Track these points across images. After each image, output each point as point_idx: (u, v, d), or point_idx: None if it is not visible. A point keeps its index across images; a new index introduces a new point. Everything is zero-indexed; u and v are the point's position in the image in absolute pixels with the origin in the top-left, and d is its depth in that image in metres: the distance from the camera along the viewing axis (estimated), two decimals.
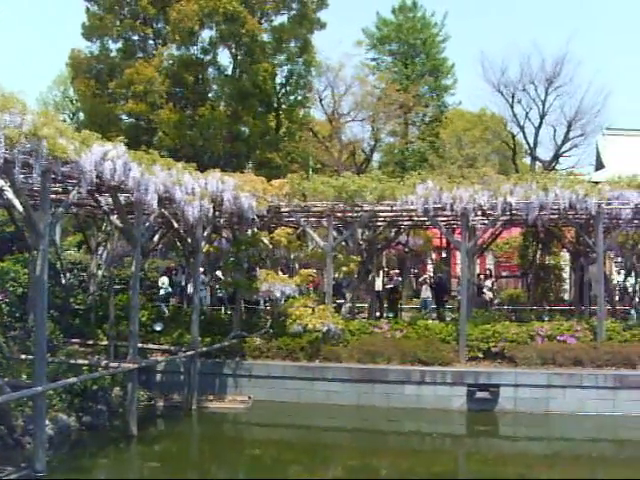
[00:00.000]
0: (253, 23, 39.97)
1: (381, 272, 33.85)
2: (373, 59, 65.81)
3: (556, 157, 59.18)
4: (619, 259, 35.90)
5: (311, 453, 19.88)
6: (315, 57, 46.20)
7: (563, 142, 58.59)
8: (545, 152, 60.46)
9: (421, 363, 23.30)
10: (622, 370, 22.49)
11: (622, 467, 18.52)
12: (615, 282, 34.30)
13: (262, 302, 29.26)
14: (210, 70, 43.07)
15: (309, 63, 45.04)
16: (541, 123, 58.54)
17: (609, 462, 19.08)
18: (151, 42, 42.39)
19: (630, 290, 31.91)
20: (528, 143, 59.78)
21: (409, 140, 63.29)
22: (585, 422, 21.52)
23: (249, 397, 23.38)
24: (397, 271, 35.75)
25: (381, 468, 18.74)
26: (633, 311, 29.77)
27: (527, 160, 64.19)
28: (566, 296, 38.36)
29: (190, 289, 27.07)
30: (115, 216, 23.49)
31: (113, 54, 41.75)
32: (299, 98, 46.61)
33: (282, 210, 26.38)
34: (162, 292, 30.82)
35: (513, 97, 58.13)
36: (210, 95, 43.17)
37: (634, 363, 22.69)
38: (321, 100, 53.85)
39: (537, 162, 59.48)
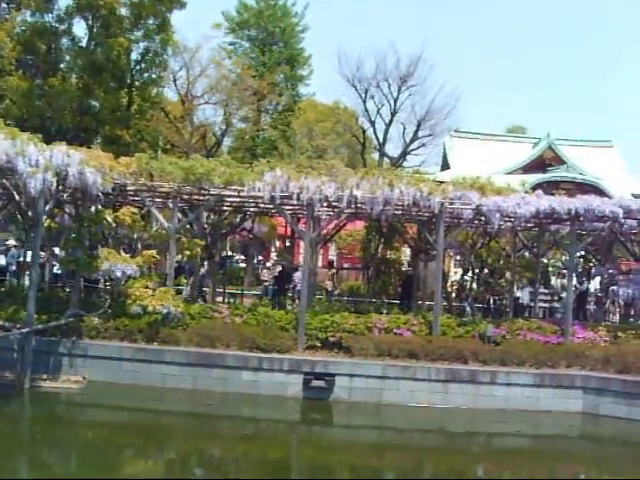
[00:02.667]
0: None
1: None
2: (231, 43, 65.31)
3: (404, 155, 60.44)
4: (458, 257, 36.98)
5: (144, 436, 19.61)
6: (172, 36, 45.79)
7: (412, 140, 59.91)
8: (394, 149, 61.73)
9: (259, 350, 23.33)
10: (454, 364, 23.18)
11: (449, 457, 19.17)
12: (453, 279, 35.25)
13: (102, 281, 28.66)
14: (64, 40, 42.11)
15: (166, 42, 44.54)
16: (392, 120, 59.67)
17: (437, 452, 19.68)
18: (4, 6, 40.92)
19: (467, 287, 32.83)
20: (378, 139, 60.80)
21: (261, 127, 63.24)
22: (417, 413, 22.08)
23: (83, 377, 22.81)
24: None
25: (214, 453, 18.72)
26: (468, 307, 30.69)
27: (376, 155, 65.29)
28: None
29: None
30: None
31: None
32: (153, 76, 46.05)
33: (128, 189, 25.85)
34: None
35: (366, 92, 59.02)
36: (62, 66, 42.18)
37: (466, 358, 23.42)
38: (175, 80, 53.17)
39: (385, 158, 60.61)
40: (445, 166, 60.35)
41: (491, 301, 33.31)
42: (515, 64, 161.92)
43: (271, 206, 26.44)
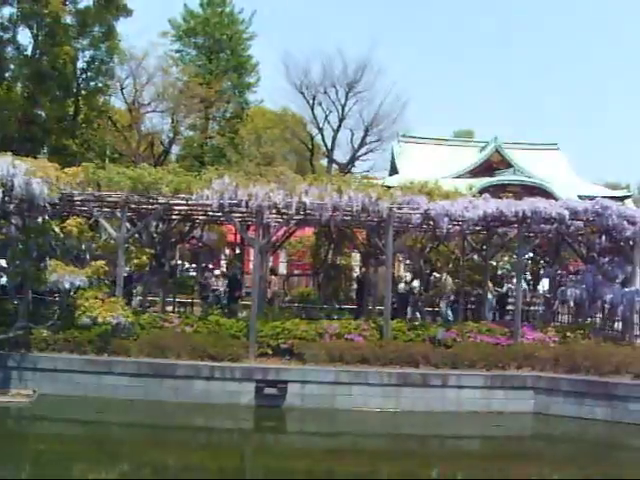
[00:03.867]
0: (57, 4, 38.96)
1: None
2: (178, 51, 65.15)
3: (352, 160, 60.68)
4: (408, 262, 37.15)
5: (96, 448, 19.37)
6: (119, 44, 45.57)
7: (360, 146, 60.22)
8: (342, 155, 61.96)
9: (211, 358, 23.24)
10: (406, 368, 23.26)
11: (403, 460, 19.23)
12: (403, 284, 35.35)
13: (51, 293, 28.33)
14: (9, 49, 41.64)
15: (112, 50, 44.39)
16: (340, 126, 59.95)
17: (391, 456, 19.77)
18: None
19: (416, 292, 32.96)
20: (326, 145, 61.01)
21: (209, 135, 63.15)
22: (370, 418, 22.16)
23: (34, 391, 22.52)
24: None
25: (168, 463, 18.56)
26: (417, 313, 30.89)
27: (324, 162, 65.50)
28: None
29: None
30: None
31: None
32: (100, 85, 45.87)
33: (75, 199, 25.55)
34: None
35: (314, 99, 59.25)
36: (7, 75, 41.67)
37: (417, 362, 23.53)
38: (122, 88, 52.98)
39: (334, 164, 60.77)
40: (393, 171, 60.68)
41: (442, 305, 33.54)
42: (461, 69, 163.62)
43: (220, 214, 26.34)
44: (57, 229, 25.83)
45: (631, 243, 26.08)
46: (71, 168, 25.81)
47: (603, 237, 27.75)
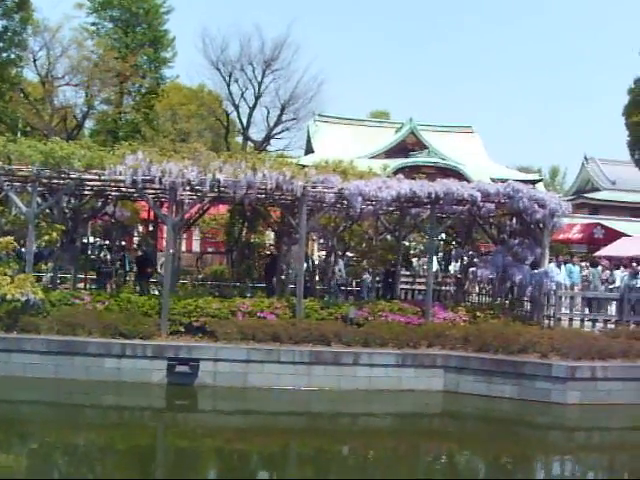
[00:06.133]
0: None
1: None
2: (93, 24, 64.09)
3: (268, 138, 60.60)
4: (321, 240, 37.28)
5: (4, 427, 19.07)
6: (32, 15, 44.59)
7: (276, 124, 60.13)
8: (258, 133, 61.84)
9: (122, 336, 23.01)
10: (318, 346, 23.37)
11: (315, 438, 19.46)
12: (316, 262, 35.49)
13: None
14: None
15: (26, 20, 43.48)
16: (256, 104, 59.80)
17: (303, 433, 19.92)
18: None
19: (329, 271, 33.10)
20: (242, 123, 60.84)
21: (123, 110, 62.38)
22: (282, 396, 22.24)
23: None
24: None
25: (78, 443, 18.29)
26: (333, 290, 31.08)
27: (240, 139, 65.29)
28: None
29: None
30: None
31: None
32: (12, 56, 44.89)
33: None
34: None
35: (230, 76, 58.96)
36: None
37: (329, 340, 23.67)
38: (35, 61, 52.02)
39: (249, 142, 60.61)
40: (309, 150, 60.85)
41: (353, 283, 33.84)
42: (379, 50, 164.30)
43: (133, 190, 26.07)
44: None
45: (541, 226, 26.58)
46: None
47: (514, 219, 28.28)
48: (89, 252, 36.27)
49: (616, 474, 18.19)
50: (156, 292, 28.09)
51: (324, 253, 35.30)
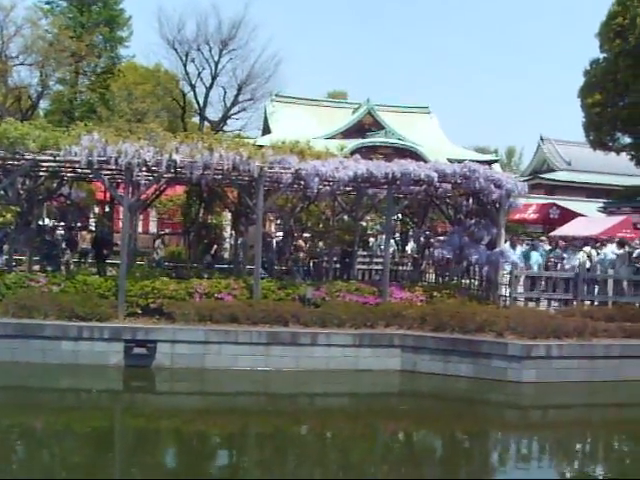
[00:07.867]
0: None
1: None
2: (48, 2, 63.10)
3: (225, 119, 60.28)
4: (279, 221, 37.28)
5: None
6: None
7: (232, 104, 59.80)
8: (214, 113, 61.45)
9: (79, 318, 22.79)
10: (275, 327, 23.36)
11: (273, 418, 19.47)
12: (275, 243, 35.47)
13: None
14: None
15: None
16: (212, 84, 59.38)
17: (261, 414, 19.91)
18: None
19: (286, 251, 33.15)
20: (198, 103, 60.43)
21: (79, 90, 61.76)
22: (240, 377, 22.20)
23: None
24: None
25: (35, 426, 18.14)
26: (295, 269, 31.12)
27: (196, 119, 64.91)
28: (226, 255, 39.38)
29: None
30: None
31: None
32: None
33: None
34: None
35: (187, 56, 58.48)
36: None
37: (287, 320, 23.64)
38: None
39: (206, 122, 60.24)
40: (266, 130, 60.77)
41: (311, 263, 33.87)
42: (336, 30, 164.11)
43: (89, 171, 25.79)
44: None
45: (497, 206, 26.73)
46: None
47: (470, 200, 28.40)
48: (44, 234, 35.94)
49: (570, 451, 18.43)
50: (113, 273, 27.86)
51: (281, 233, 35.32)
